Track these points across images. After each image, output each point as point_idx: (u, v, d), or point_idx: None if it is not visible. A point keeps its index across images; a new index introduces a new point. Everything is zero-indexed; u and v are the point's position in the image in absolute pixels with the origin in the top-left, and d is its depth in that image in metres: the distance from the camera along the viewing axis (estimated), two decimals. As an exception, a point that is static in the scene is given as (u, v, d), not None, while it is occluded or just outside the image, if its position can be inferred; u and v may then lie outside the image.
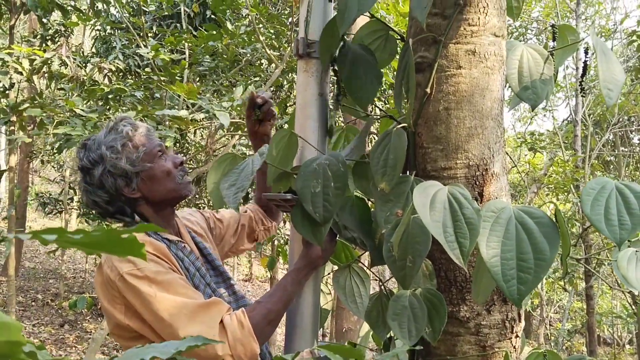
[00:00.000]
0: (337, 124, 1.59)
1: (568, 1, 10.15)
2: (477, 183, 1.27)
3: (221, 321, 1.36)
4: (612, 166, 11.61)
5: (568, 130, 9.76)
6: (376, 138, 1.45)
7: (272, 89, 6.48)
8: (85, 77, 4.63)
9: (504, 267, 0.99)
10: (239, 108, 4.61)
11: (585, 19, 10.96)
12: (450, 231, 1.02)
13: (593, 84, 8.65)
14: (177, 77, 4.83)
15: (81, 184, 1.58)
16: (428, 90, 1.26)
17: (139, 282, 1.37)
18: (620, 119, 10.13)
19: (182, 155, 6.26)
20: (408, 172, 1.31)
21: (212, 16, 6.77)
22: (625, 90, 9.55)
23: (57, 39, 7.02)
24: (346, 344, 1.27)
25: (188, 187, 1.63)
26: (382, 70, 1.40)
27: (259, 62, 6.52)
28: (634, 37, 6.53)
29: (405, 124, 1.28)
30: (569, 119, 9.69)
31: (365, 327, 1.78)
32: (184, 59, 5.21)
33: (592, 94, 9.15)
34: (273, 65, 6.08)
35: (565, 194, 8.53)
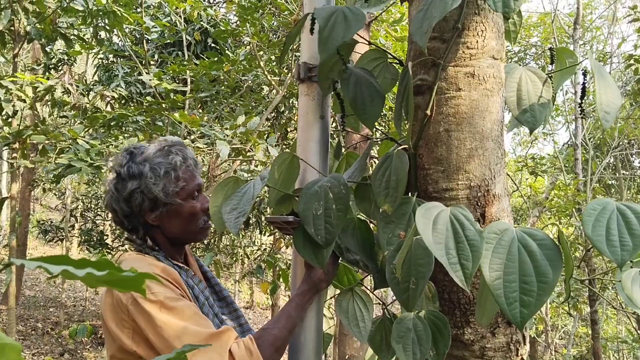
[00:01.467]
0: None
1: (566, 27, 10.26)
2: (479, 204, 1.27)
3: (229, 349, 1.35)
4: (613, 190, 11.60)
5: (569, 154, 9.78)
6: (377, 161, 1.46)
7: (272, 114, 6.53)
8: (87, 105, 4.67)
9: (506, 290, 0.98)
10: (240, 134, 4.63)
11: (584, 44, 11.07)
12: (452, 253, 1.01)
13: (592, 107, 8.69)
14: (179, 105, 4.87)
15: (110, 186, 1.55)
16: (428, 112, 1.27)
17: (151, 307, 1.35)
18: (621, 143, 10.15)
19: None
20: (410, 193, 1.31)
21: (214, 44, 6.85)
22: (625, 114, 9.60)
23: (60, 68, 7.09)
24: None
25: (205, 233, 1.62)
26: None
27: (259, 88, 6.58)
28: (632, 61, 6.59)
29: (406, 146, 1.29)
30: (569, 142, 9.72)
31: (369, 352, 1.76)
32: (186, 86, 5.26)
33: (591, 117, 9.19)
34: (274, 91, 6.13)
35: (568, 217, 8.51)
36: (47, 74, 6.55)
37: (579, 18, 7.84)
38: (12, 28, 4.85)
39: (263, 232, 7.53)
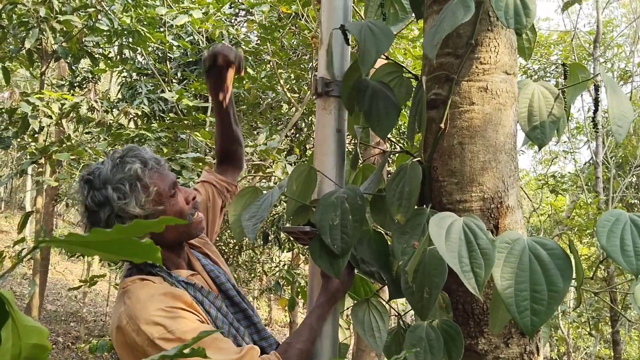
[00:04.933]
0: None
1: (586, 45, 10.23)
2: (492, 216, 1.29)
3: None
4: (636, 209, 11.44)
5: (590, 173, 9.69)
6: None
7: (292, 131, 6.60)
8: (111, 122, 4.78)
9: (517, 298, 1.01)
10: (261, 153, 4.70)
11: (604, 62, 11.01)
12: (465, 261, 1.04)
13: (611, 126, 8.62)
14: (200, 122, 4.96)
15: (85, 222, 1.45)
16: (442, 125, 1.30)
17: (171, 346, 1.28)
18: (643, 161, 10.02)
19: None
20: (424, 205, 1.34)
21: (235, 62, 6.94)
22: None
23: (84, 86, 7.26)
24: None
25: (199, 225, 1.54)
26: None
27: (279, 105, 6.66)
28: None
29: (420, 158, 1.32)
30: (590, 161, 9.63)
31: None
32: (208, 104, 5.36)
33: (612, 136, 9.11)
34: (294, 109, 6.21)
35: (589, 237, 8.40)
36: (72, 91, 6.72)
37: (598, 36, 7.82)
38: (40, 47, 5.00)
39: (282, 249, 7.56)
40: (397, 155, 1.73)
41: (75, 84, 7.34)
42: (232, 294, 1.61)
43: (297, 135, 7.34)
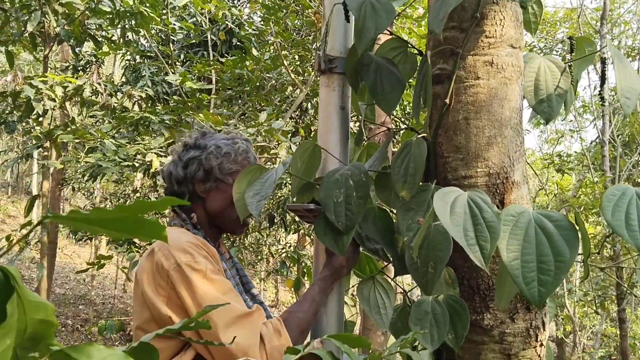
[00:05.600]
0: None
1: (593, 22, 10.11)
2: (498, 191, 1.28)
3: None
4: (643, 187, 11.36)
5: (596, 152, 9.63)
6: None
7: (296, 112, 6.57)
8: (116, 104, 4.77)
9: (524, 270, 1.00)
10: (264, 133, 4.69)
11: (611, 39, 10.89)
12: (471, 234, 1.03)
13: (619, 104, 8.56)
14: (204, 104, 4.95)
15: (175, 155, 1.66)
16: (447, 100, 1.29)
17: (194, 275, 1.37)
18: (650, 140, 9.95)
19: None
20: (429, 181, 1.33)
21: (239, 43, 6.92)
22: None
23: (88, 69, 7.24)
24: None
25: (242, 229, 1.66)
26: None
27: (283, 87, 6.63)
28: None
29: (425, 134, 1.31)
30: (597, 140, 9.57)
31: (391, 340, 1.78)
32: (211, 85, 5.34)
33: (619, 114, 9.04)
34: (298, 90, 6.18)
35: (596, 216, 8.38)
36: (75, 75, 6.70)
37: (605, 13, 7.72)
38: (42, 30, 4.98)
39: (288, 231, 7.58)
40: (402, 133, 1.72)
41: (79, 68, 7.31)
42: (251, 286, 1.72)
43: (302, 117, 7.32)
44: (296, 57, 6.20)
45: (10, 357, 0.61)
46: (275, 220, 7.04)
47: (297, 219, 7.65)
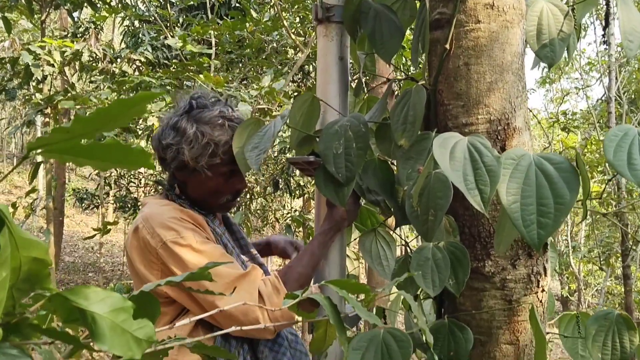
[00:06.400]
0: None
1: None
2: (499, 137, 1.27)
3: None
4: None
5: (602, 109, 9.54)
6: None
7: (298, 75, 6.51)
8: (115, 69, 4.73)
9: (523, 213, 0.99)
10: (266, 95, 4.64)
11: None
12: (470, 179, 1.02)
13: (626, 59, 8.42)
14: (205, 67, 4.90)
15: (162, 123, 1.55)
16: (447, 46, 1.26)
17: (182, 250, 1.38)
18: (657, 96, 9.84)
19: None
20: (430, 130, 1.32)
21: (238, 4, 6.82)
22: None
23: (86, 36, 7.16)
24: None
25: (226, 209, 1.64)
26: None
27: (284, 50, 6.55)
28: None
29: (424, 82, 1.29)
30: (603, 97, 9.47)
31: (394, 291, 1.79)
32: (211, 48, 5.27)
33: (625, 70, 8.92)
34: (300, 53, 6.10)
35: (601, 174, 8.36)
36: (74, 42, 6.63)
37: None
38: (39, -5, 4.91)
39: (293, 196, 7.59)
40: (402, 84, 1.69)
41: (78, 35, 7.23)
42: (250, 248, 1.69)
43: (304, 79, 7.25)
44: (297, 18, 6.11)
45: (7, 296, 0.60)
46: (280, 186, 7.05)
47: (301, 183, 7.66)
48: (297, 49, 5.99)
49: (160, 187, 1.61)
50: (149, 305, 0.75)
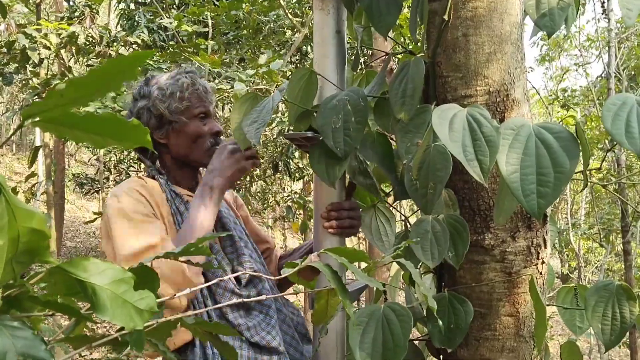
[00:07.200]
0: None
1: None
2: (499, 109, 1.26)
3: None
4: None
5: (602, 86, 9.50)
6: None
7: (296, 56, 6.47)
8: (112, 52, 4.70)
9: (523, 182, 0.99)
10: (265, 76, 4.62)
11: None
12: (470, 150, 1.02)
13: (625, 35, 8.36)
14: (201, 48, 4.86)
15: (128, 108, 1.68)
16: (445, 17, 1.25)
17: (115, 215, 1.44)
18: (657, 72, 9.77)
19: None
20: (429, 103, 1.31)
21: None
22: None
23: (82, 20, 7.11)
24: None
25: (211, 157, 1.60)
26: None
27: (282, 31, 6.51)
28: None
29: (423, 54, 1.28)
30: (602, 74, 9.42)
31: (395, 267, 1.80)
32: (207, 29, 5.24)
33: (625, 46, 8.85)
34: (297, 34, 6.06)
35: (601, 150, 8.35)
36: (69, 22, 6.58)
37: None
38: (33, -23, 4.86)
39: (293, 178, 7.59)
40: (401, 58, 1.68)
41: (74, 18, 7.18)
42: (233, 232, 1.62)
43: (302, 60, 7.21)
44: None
45: (7, 269, 0.60)
46: (280, 168, 7.04)
47: (301, 165, 7.65)
48: (295, 29, 5.94)
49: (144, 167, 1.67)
50: (149, 278, 0.75)
